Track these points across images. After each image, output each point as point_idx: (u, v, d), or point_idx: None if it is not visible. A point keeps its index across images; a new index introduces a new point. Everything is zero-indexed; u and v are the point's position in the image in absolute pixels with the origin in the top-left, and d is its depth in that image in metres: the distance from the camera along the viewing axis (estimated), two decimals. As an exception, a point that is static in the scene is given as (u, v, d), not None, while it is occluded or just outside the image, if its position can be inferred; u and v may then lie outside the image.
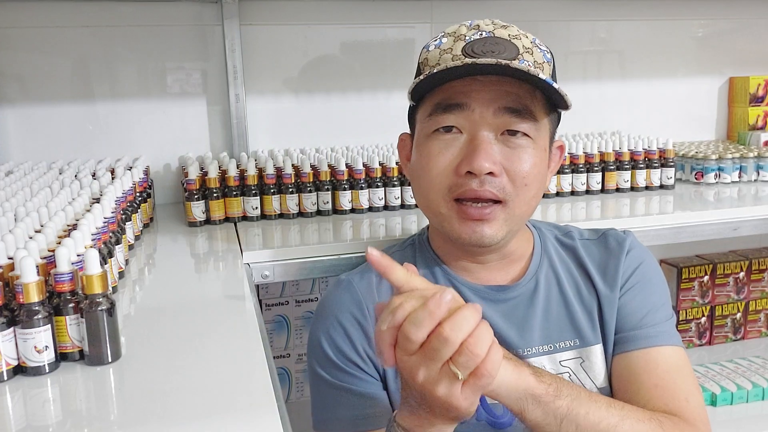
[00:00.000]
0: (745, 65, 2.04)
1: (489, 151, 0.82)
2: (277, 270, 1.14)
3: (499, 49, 0.82)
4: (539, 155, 0.85)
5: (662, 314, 0.92)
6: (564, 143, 0.94)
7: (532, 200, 0.87)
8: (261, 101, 1.68)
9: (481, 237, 0.85)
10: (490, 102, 0.82)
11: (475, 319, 0.59)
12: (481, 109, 0.82)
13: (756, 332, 1.94)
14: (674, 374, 0.86)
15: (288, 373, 1.71)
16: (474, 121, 0.83)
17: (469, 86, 0.83)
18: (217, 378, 0.68)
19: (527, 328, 0.90)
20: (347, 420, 0.87)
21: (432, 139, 0.85)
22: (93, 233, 0.86)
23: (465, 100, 0.83)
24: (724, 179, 1.63)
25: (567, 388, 0.72)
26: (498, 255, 0.92)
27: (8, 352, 0.67)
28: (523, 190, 0.84)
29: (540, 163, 0.86)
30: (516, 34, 0.85)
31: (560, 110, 0.89)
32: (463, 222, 0.85)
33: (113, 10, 1.56)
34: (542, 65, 0.84)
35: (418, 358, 0.60)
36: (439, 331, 0.58)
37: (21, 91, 1.55)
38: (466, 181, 0.83)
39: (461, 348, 0.58)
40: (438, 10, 1.76)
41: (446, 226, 0.87)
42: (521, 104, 0.83)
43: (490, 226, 0.84)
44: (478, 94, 0.82)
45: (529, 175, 0.84)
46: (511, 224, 0.86)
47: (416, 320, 0.58)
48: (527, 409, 0.69)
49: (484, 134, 0.82)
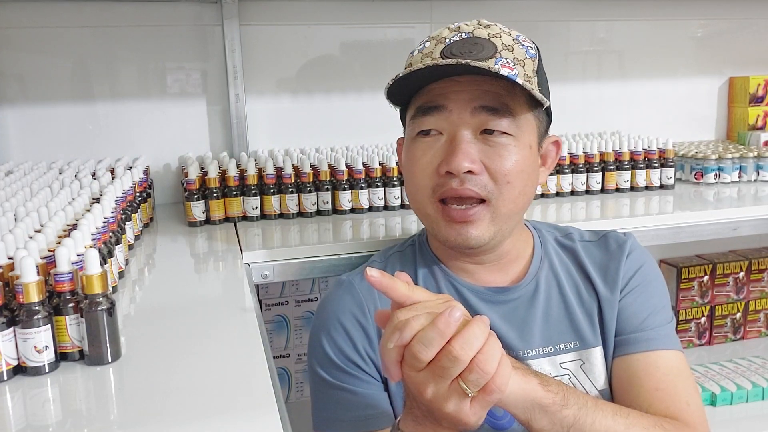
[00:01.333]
0: (745, 65, 2.04)
1: (467, 150, 0.82)
2: (277, 270, 1.14)
3: (476, 49, 0.82)
4: (522, 152, 0.85)
5: (663, 317, 0.92)
6: (560, 138, 0.94)
7: (519, 198, 0.86)
8: (261, 101, 1.68)
9: (467, 239, 0.85)
10: (467, 102, 0.83)
11: (484, 335, 0.59)
12: (459, 110, 0.83)
13: (756, 332, 1.94)
14: (674, 378, 0.86)
15: (288, 373, 1.71)
16: (452, 122, 0.84)
17: (449, 88, 0.84)
18: (217, 378, 0.68)
19: (527, 329, 0.90)
20: (348, 420, 0.87)
21: (415, 142, 0.87)
22: (93, 233, 0.86)
23: (443, 102, 0.84)
24: (724, 179, 1.63)
25: (574, 397, 0.72)
26: (494, 255, 0.91)
27: (8, 352, 0.67)
28: (506, 188, 0.84)
29: (523, 160, 0.85)
30: (497, 33, 0.85)
31: (547, 107, 0.88)
32: (448, 224, 0.85)
33: (113, 10, 1.56)
34: (523, 61, 0.84)
35: (426, 375, 0.60)
36: (448, 350, 0.58)
37: (21, 91, 1.55)
38: (447, 180, 0.84)
39: (471, 365, 0.58)
40: (438, 10, 1.76)
41: (434, 227, 0.88)
42: (498, 102, 0.83)
43: (475, 228, 0.85)
44: (457, 95, 0.83)
45: (510, 172, 0.84)
46: (498, 224, 0.86)
47: (425, 339, 0.58)
48: (534, 419, 0.68)
49: (462, 133, 0.83)
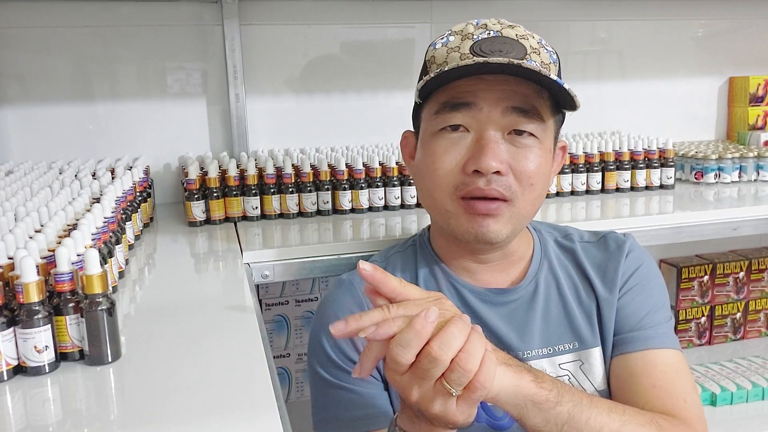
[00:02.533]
0: (745, 65, 2.04)
1: (496, 150, 0.82)
2: (277, 270, 1.14)
3: (507, 48, 0.82)
4: (544, 155, 0.86)
5: (661, 316, 0.92)
6: (566, 143, 0.94)
7: (537, 200, 0.87)
8: (261, 101, 1.68)
9: (487, 231, 0.84)
10: (497, 101, 0.82)
11: (464, 334, 0.59)
12: (489, 108, 0.82)
13: (756, 332, 1.94)
14: (672, 375, 0.86)
15: (288, 373, 1.71)
16: (481, 120, 0.83)
17: (477, 85, 0.83)
18: (217, 378, 0.68)
19: (527, 331, 0.90)
20: (348, 420, 0.87)
21: (438, 138, 0.85)
22: (93, 233, 0.86)
23: (473, 99, 0.83)
24: (724, 179, 1.63)
25: (568, 394, 0.71)
26: (500, 254, 0.92)
27: (8, 352, 0.67)
28: (529, 190, 0.84)
29: (545, 164, 0.86)
30: (523, 34, 0.85)
31: (565, 111, 0.89)
32: (470, 217, 0.85)
33: (113, 10, 1.56)
34: (549, 66, 0.84)
35: (409, 378, 0.60)
36: (427, 351, 0.58)
37: (21, 91, 1.55)
38: (473, 179, 0.83)
39: (452, 365, 0.58)
40: (438, 10, 1.76)
41: (452, 222, 0.87)
42: (529, 104, 0.83)
43: (496, 222, 0.84)
44: (486, 93, 0.82)
45: (534, 174, 0.84)
46: (515, 223, 0.86)
47: (403, 341, 0.58)
48: (527, 416, 0.68)
49: (491, 133, 0.82)
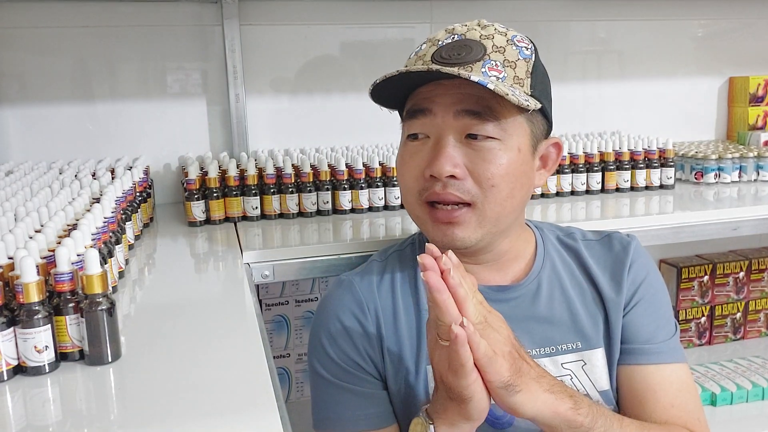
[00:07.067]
0: (745, 65, 2.04)
1: (449, 155, 0.82)
2: (277, 270, 1.14)
3: (465, 51, 0.83)
4: (509, 155, 0.84)
5: (670, 328, 0.93)
6: (561, 140, 0.93)
7: (507, 201, 0.85)
8: (261, 101, 1.68)
9: (453, 240, 0.85)
10: (451, 106, 0.83)
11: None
12: (443, 114, 0.83)
13: (756, 332, 1.94)
14: (686, 393, 0.89)
15: (288, 373, 1.71)
16: (437, 126, 0.84)
17: (434, 91, 0.84)
18: (217, 378, 0.68)
19: (528, 329, 0.90)
20: (347, 419, 0.87)
21: (405, 145, 0.89)
22: (93, 233, 0.86)
23: (429, 105, 0.84)
24: (724, 179, 1.63)
25: (602, 419, 0.75)
26: (491, 255, 0.91)
27: (8, 352, 0.67)
28: (491, 192, 0.83)
29: (510, 164, 0.84)
30: (490, 34, 0.85)
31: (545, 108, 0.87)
32: (435, 225, 0.86)
33: (113, 10, 1.56)
34: (514, 63, 0.83)
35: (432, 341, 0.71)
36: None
37: (21, 91, 1.55)
38: (431, 184, 0.85)
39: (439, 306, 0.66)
40: (438, 10, 1.76)
41: (423, 228, 0.90)
42: (481, 106, 0.82)
43: (461, 229, 0.85)
44: (441, 98, 0.83)
45: (495, 176, 0.83)
46: (486, 226, 0.85)
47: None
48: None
49: (446, 138, 0.83)
